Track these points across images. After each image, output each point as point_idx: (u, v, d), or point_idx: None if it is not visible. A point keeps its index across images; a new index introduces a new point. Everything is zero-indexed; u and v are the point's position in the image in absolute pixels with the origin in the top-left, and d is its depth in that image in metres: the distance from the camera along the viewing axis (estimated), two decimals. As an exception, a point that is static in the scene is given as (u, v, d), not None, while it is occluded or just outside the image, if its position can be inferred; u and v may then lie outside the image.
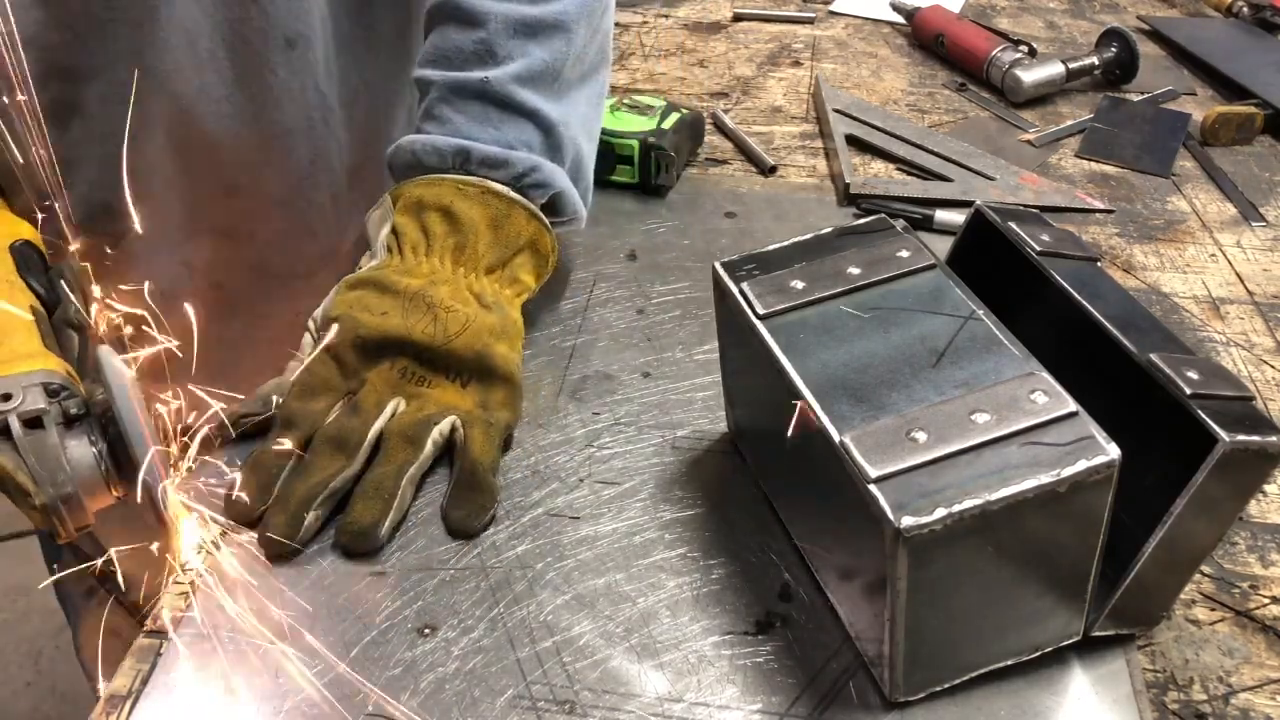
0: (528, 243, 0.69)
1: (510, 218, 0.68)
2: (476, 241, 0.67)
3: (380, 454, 0.60)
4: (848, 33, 1.28)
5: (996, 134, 1.05)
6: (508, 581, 0.57)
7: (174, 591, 0.57)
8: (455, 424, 0.62)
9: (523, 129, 0.70)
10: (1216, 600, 0.58)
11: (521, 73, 0.69)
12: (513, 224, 0.68)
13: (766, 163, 0.96)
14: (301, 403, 0.62)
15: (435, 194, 0.68)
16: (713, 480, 0.63)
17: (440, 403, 0.63)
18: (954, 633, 0.50)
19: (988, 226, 0.59)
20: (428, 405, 0.62)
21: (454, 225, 0.67)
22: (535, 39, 0.70)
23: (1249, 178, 0.98)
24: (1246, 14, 1.27)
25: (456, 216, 0.67)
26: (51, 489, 0.52)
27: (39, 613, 1.94)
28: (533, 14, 0.70)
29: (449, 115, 0.70)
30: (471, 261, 0.67)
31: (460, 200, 0.68)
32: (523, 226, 0.69)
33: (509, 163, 0.69)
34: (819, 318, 0.54)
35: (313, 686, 0.52)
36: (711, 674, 0.53)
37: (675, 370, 0.72)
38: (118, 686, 0.52)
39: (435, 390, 0.63)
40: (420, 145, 0.70)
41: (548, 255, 0.71)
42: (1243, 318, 0.79)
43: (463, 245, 0.67)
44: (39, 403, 0.53)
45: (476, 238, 0.67)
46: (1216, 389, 0.48)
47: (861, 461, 0.45)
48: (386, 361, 0.63)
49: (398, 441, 0.60)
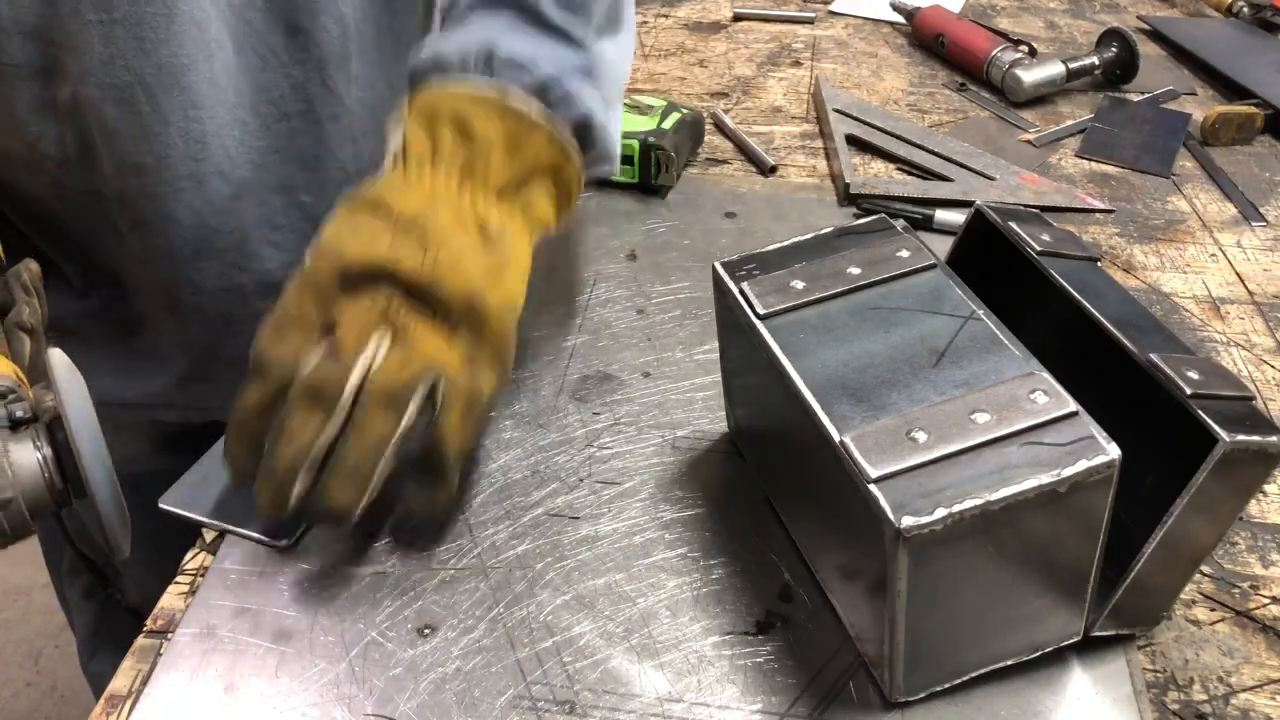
0: (548, 167, 0.63)
1: (530, 137, 0.62)
2: (489, 159, 0.61)
3: (358, 417, 0.55)
4: (848, 33, 1.28)
5: (996, 134, 1.05)
6: (508, 581, 0.57)
7: (174, 591, 0.57)
8: (437, 388, 0.56)
9: (555, 46, 0.66)
10: (1216, 600, 0.58)
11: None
12: (532, 144, 0.62)
13: (766, 163, 0.96)
14: (272, 343, 0.57)
15: (450, 103, 0.63)
16: (713, 480, 0.63)
17: (425, 355, 0.57)
18: (954, 633, 0.50)
19: (988, 226, 0.59)
20: (411, 360, 0.56)
21: (465, 138, 0.62)
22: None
23: (1249, 178, 0.98)
24: (1246, 14, 1.27)
25: (470, 128, 0.62)
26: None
27: (39, 613, 1.94)
28: None
29: (476, 20, 0.66)
30: (481, 180, 0.61)
31: (475, 110, 0.62)
32: (542, 148, 0.62)
33: (536, 64, 0.64)
34: (819, 318, 0.54)
35: (313, 686, 0.52)
36: (711, 674, 0.53)
37: (675, 370, 0.72)
38: (118, 686, 0.52)
39: (420, 332, 0.57)
40: (444, 42, 0.66)
41: (570, 187, 0.64)
42: (1243, 318, 0.79)
43: (472, 162, 0.61)
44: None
45: (489, 155, 0.61)
46: (1217, 389, 0.48)
47: (861, 462, 0.45)
48: (369, 293, 0.57)
49: (377, 406, 0.55)
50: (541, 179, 0.63)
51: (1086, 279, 0.55)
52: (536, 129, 0.62)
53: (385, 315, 0.57)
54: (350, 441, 0.55)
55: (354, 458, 0.54)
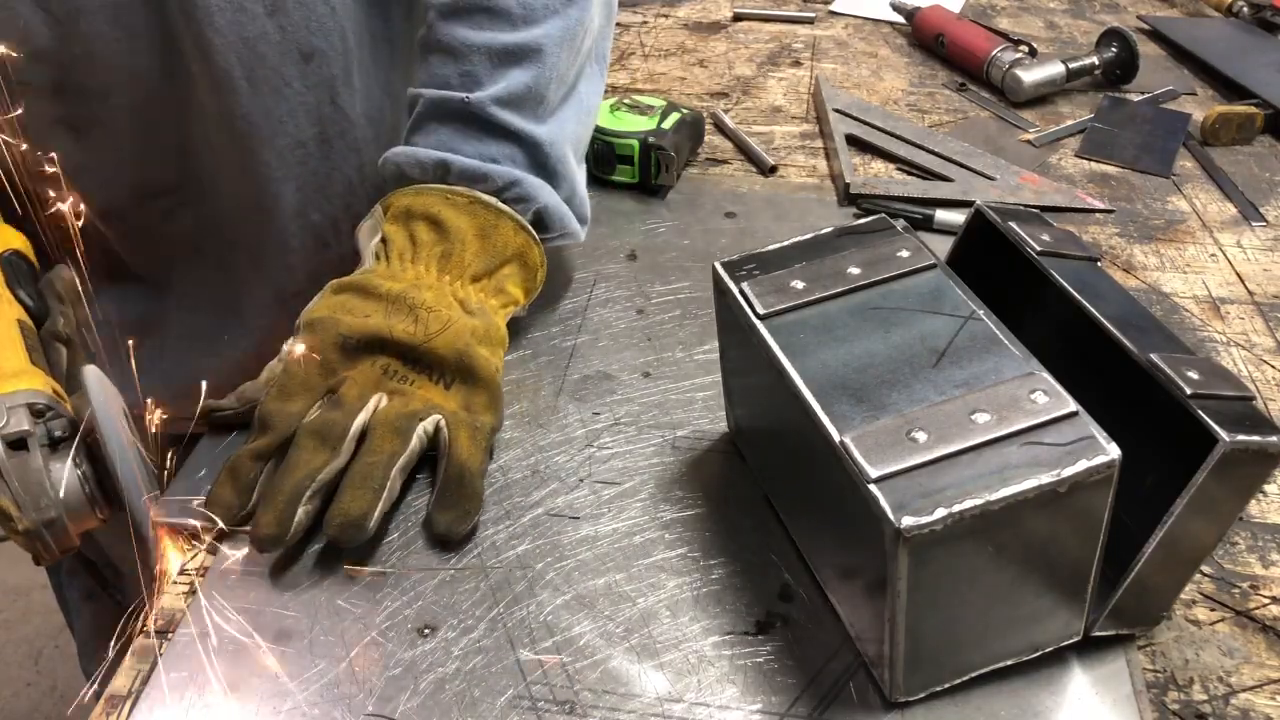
0: (515, 254, 0.69)
1: (498, 228, 0.68)
2: (464, 250, 0.67)
3: (366, 444, 0.59)
4: (848, 33, 1.28)
5: (996, 134, 1.05)
6: (508, 582, 0.57)
7: (174, 591, 0.57)
8: (440, 424, 0.61)
9: (504, 146, 0.70)
10: (1216, 600, 0.58)
11: (502, 95, 0.70)
12: (500, 234, 0.68)
13: (766, 163, 0.96)
14: (279, 403, 0.60)
15: (424, 203, 0.68)
16: (713, 480, 0.63)
17: (425, 400, 0.62)
18: (954, 633, 0.50)
19: (988, 226, 0.59)
20: (412, 401, 0.61)
21: (441, 233, 0.67)
22: (518, 64, 0.70)
23: (1249, 178, 0.98)
24: (1246, 14, 1.27)
25: (444, 225, 0.67)
26: (35, 513, 0.51)
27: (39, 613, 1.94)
28: (513, 40, 0.70)
29: (433, 128, 0.71)
30: (458, 269, 0.67)
31: (448, 209, 0.68)
32: (510, 237, 0.69)
33: (488, 176, 0.69)
34: (819, 318, 0.54)
35: (313, 686, 0.52)
36: (711, 674, 0.53)
37: (675, 370, 0.72)
38: (118, 686, 0.52)
39: (419, 389, 0.63)
40: (404, 157, 0.70)
41: (536, 269, 0.71)
42: (1243, 318, 0.79)
43: (449, 253, 0.67)
44: (23, 424, 0.52)
45: (464, 246, 0.67)
46: (1216, 389, 0.48)
47: (861, 461, 0.45)
48: (368, 360, 0.63)
49: (384, 432, 0.59)
50: (510, 264, 0.69)
51: (1086, 279, 0.55)
52: (503, 219, 0.69)
53: (384, 377, 0.63)
54: (361, 460, 0.58)
55: (365, 468, 0.58)
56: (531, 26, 0.71)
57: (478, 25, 0.71)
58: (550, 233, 0.73)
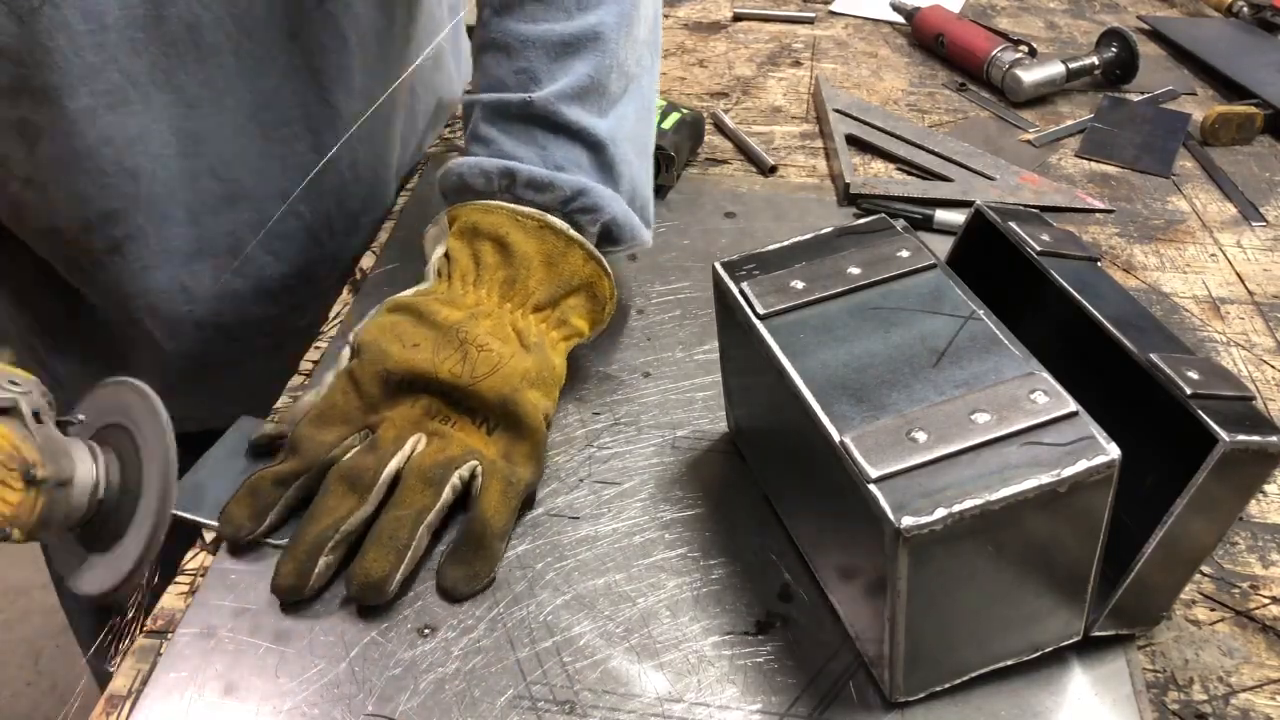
0: (583, 284, 0.66)
1: (566, 256, 0.65)
2: (528, 277, 0.64)
3: (397, 494, 0.57)
4: (848, 33, 1.28)
5: (996, 134, 1.05)
6: (508, 581, 0.57)
7: (174, 591, 0.57)
8: (476, 470, 0.59)
9: (570, 149, 0.67)
10: (1216, 600, 0.58)
11: (566, 90, 0.67)
12: (568, 262, 0.65)
13: (766, 163, 0.96)
14: (313, 430, 0.59)
15: (492, 222, 0.65)
16: (713, 480, 0.63)
17: (464, 445, 0.59)
18: (954, 633, 0.50)
19: (988, 226, 0.59)
20: (450, 446, 0.59)
21: (507, 257, 0.64)
22: (576, 55, 0.68)
23: (1249, 178, 0.98)
24: (1246, 14, 1.27)
25: (510, 249, 0.64)
26: (54, 467, 0.52)
27: (39, 613, 1.94)
28: (570, 30, 0.67)
29: (493, 136, 0.68)
30: (521, 297, 0.64)
31: (516, 231, 0.65)
32: (579, 267, 0.65)
33: (554, 185, 0.65)
34: (819, 318, 0.54)
35: (313, 686, 0.52)
36: (711, 674, 0.53)
37: (675, 370, 0.72)
38: (118, 686, 0.52)
39: (459, 431, 0.60)
40: (466, 167, 0.67)
41: (605, 301, 0.67)
42: (1243, 318, 0.79)
43: (513, 279, 0.64)
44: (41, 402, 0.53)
45: (529, 273, 0.64)
46: (1216, 389, 0.48)
47: (861, 461, 0.45)
48: (409, 399, 0.60)
49: (415, 482, 0.57)
50: (576, 294, 0.66)
51: (1086, 279, 0.55)
52: (573, 247, 0.65)
53: (425, 417, 0.60)
54: (388, 514, 0.56)
55: (391, 526, 0.56)
56: (587, 12, 0.68)
57: (531, 18, 0.68)
58: (620, 244, 0.70)
